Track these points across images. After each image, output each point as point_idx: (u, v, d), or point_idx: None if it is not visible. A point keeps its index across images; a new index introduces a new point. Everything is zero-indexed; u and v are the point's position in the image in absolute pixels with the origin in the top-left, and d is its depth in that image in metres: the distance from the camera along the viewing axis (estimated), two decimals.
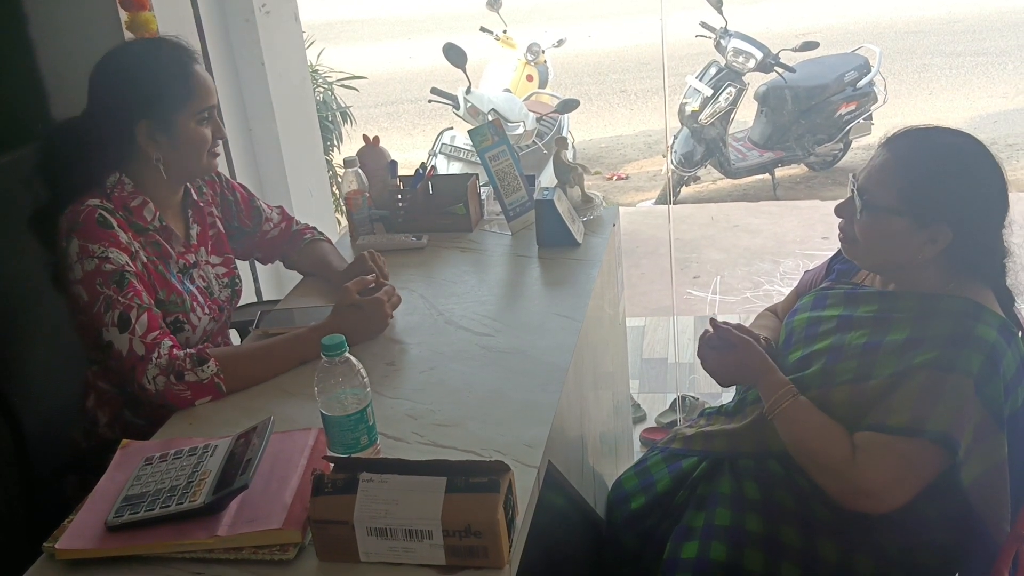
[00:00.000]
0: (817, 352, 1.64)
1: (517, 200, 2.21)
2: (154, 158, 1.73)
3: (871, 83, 6.00)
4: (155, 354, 1.59)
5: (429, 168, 2.34)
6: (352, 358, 1.30)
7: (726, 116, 5.85)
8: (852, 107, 6.00)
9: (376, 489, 1.17)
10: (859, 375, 1.54)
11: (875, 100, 6.04)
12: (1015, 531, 1.44)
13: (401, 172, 2.40)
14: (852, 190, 1.59)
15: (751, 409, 1.70)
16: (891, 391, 1.48)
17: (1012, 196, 1.57)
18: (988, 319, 1.49)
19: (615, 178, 6.78)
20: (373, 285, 1.83)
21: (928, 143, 1.57)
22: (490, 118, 4.59)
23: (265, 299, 2.92)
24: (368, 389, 1.31)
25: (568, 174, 2.21)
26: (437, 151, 4.79)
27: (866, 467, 1.45)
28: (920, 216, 1.51)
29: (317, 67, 5.02)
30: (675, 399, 3.22)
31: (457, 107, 4.70)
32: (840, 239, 1.65)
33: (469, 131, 2.18)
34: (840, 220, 1.63)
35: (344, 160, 2.25)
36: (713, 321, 1.72)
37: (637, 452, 2.94)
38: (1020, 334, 1.57)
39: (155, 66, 1.72)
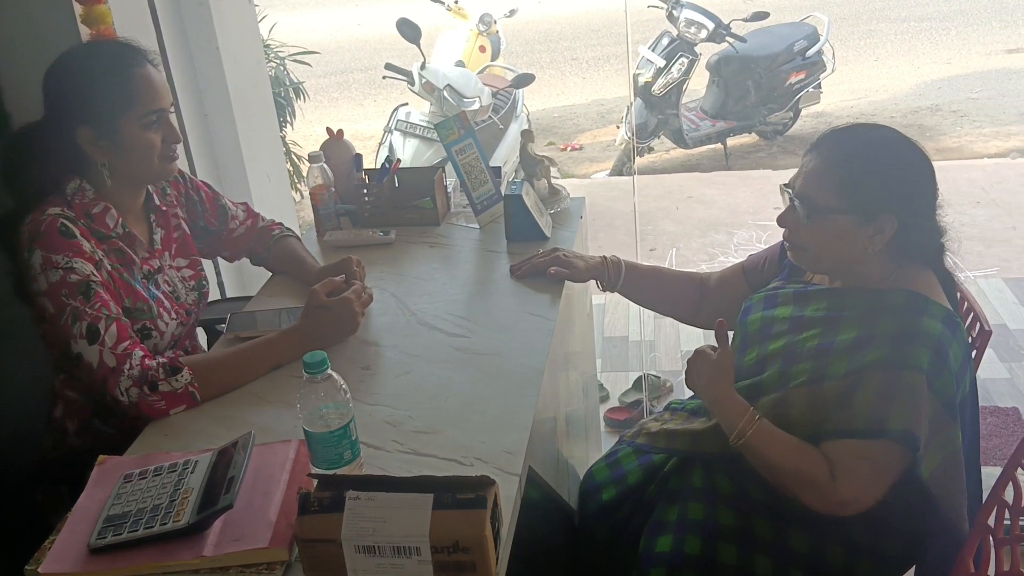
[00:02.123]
0: (771, 354, 1.67)
1: (484, 193, 2.21)
2: (100, 164, 1.69)
3: (820, 52, 6.09)
4: (127, 365, 1.57)
5: (396, 161, 2.32)
6: (334, 374, 1.30)
7: (679, 87, 5.89)
8: (802, 76, 6.08)
9: (363, 507, 1.17)
10: (814, 377, 1.57)
11: (824, 69, 6.13)
12: (978, 521, 1.50)
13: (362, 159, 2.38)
14: (790, 199, 1.62)
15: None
16: (848, 394, 1.52)
17: (958, 163, 1.62)
18: (933, 311, 1.54)
19: (569, 148, 6.78)
20: (343, 285, 1.82)
21: (854, 139, 1.61)
22: (445, 94, 4.56)
23: (229, 296, 2.88)
24: (351, 405, 1.32)
25: (535, 167, 2.21)
26: (393, 127, 4.75)
27: (843, 479, 1.49)
28: (864, 209, 1.55)
29: (268, 42, 4.92)
30: (638, 378, 3.26)
31: (412, 83, 4.66)
32: (787, 248, 1.69)
33: (435, 125, 2.17)
34: (784, 230, 1.66)
35: (309, 155, 2.22)
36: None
37: (605, 434, 2.98)
38: (970, 318, 1.63)
39: (93, 71, 1.68)
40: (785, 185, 1.64)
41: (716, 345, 1.65)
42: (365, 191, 2.28)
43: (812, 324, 1.64)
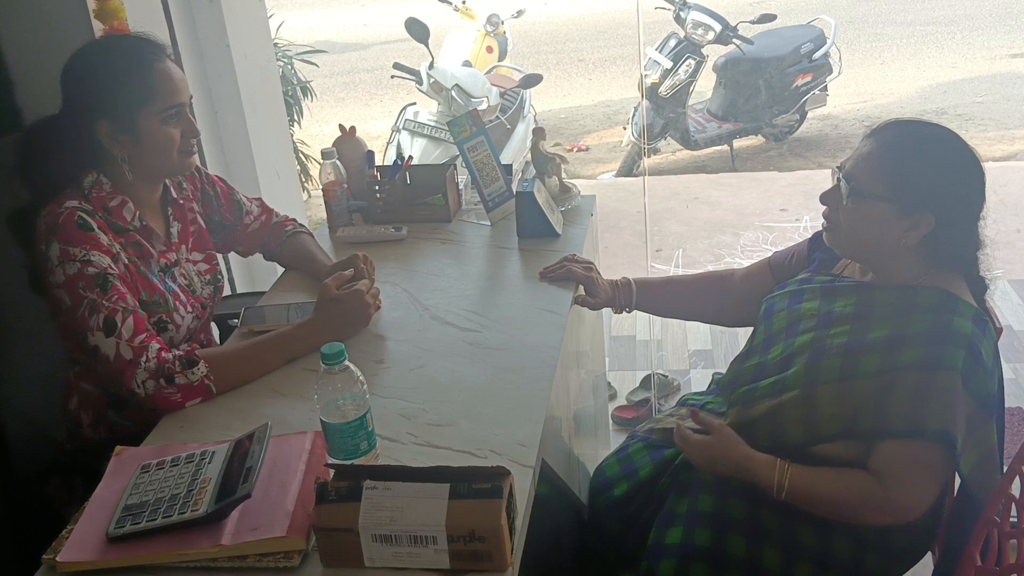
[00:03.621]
0: (798, 349, 1.68)
1: (496, 190, 2.22)
2: (119, 158, 1.71)
3: (826, 55, 6.09)
4: (143, 358, 1.58)
5: (408, 159, 2.33)
6: (351, 365, 1.32)
7: (685, 88, 5.90)
8: (808, 78, 6.08)
9: (380, 496, 1.19)
10: (844, 374, 1.58)
11: (830, 71, 6.14)
12: (985, 515, 1.51)
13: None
14: (838, 179, 1.63)
15: (736, 410, 1.73)
16: (883, 394, 1.53)
17: None
18: (963, 310, 1.55)
19: (575, 150, 6.79)
20: (352, 279, 1.83)
21: (913, 133, 1.63)
22: (453, 93, 4.58)
23: (239, 292, 2.90)
24: (367, 396, 1.33)
25: (547, 164, 2.22)
26: (400, 127, 4.76)
27: (897, 487, 1.50)
28: (905, 203, 1.56)
29: (277, 41, 4.94)
30: (645, 376, 3.27)
31: (420, 82, 4.67)
32: (824, 227, 1.70)
33: (448, 122, 2.18)
34: (824, 208, 1.67)
35: (322, 152, 2.23)
36: (694, 413, 1.70)
37: (614, 432, 2.99)
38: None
39: (114, 65, 1.69)
40: (837, 166, 1.66)
41: (695, 425, 1.68)
42: (377, 188, 2.30)
43: (841, 320, 1.65)
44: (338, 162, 2.24)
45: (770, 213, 5.10)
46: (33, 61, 2.18)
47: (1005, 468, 1.53)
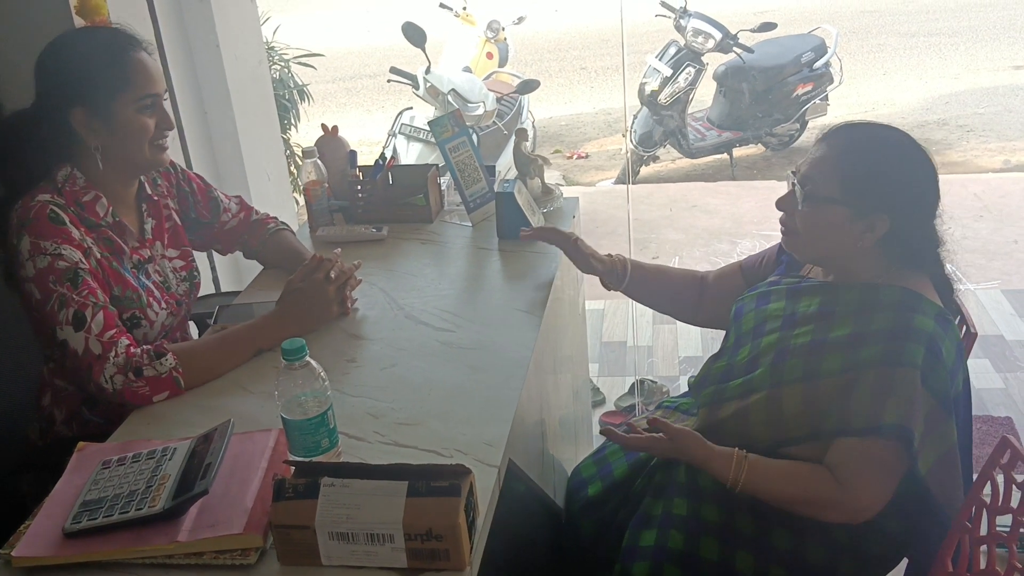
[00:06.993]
0: (763, 350, 1.67)
1: (477, 191, 2.21)
2: (92, 146, 1.70)
3: (827, 64, 6.07)
4: (112, 353, 1.57)
5: (390, 159, 2.32)
6: (312, 361, 1.30)
7: (685, 96, 5.88)
8: (809, 88, 6.06)
9: (337, 494, 1.18)
10: (807, 373, 1.57)
11: (831, 81, 6.12)
12: (957, 521, 1.49)
13: (361, 158, 2.38)
14: (793, 183, 1.63)
15: (704, 412, 1.72)
16: (845, 392, 1.52)
17: (963, 177, 1.61)
18: (925, 308, 1.54)
19: (575, 156, 6.79)
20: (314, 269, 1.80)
21: (865, 136, 1.63)
22: (450, 98, 4.57)
23: (223, 290, 2.89)
24: (329, 392, 1.31)
25: (528, 165, 2.21)
26: (396, 131, 4.76)
27: (854, 486, 1.50)
28: (859, 205, 1.56)
29: (273, 44, 4.94)
30: (634, 382, 3.25)
31: (417, 87, 4.66)
32: (782, 232, 1.69)
33: (429, 122, 2.17)
34: (781, 214, 1.66)
35: (303, 151, 2.22)
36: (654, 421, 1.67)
37: (596, 437, 2.97)
38: (957, 320, 1.63)
39: (90, 52, 1.69)
40: (792, 171, 1.65)
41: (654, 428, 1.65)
42: (359, 188, 2.29)
43: (804, 320, 1.64)
44: (319, 161, 2.23)
45: (768, 222, 5.08)
46: (13, 59, 2.17)
47: (976, 474, 1.51)
